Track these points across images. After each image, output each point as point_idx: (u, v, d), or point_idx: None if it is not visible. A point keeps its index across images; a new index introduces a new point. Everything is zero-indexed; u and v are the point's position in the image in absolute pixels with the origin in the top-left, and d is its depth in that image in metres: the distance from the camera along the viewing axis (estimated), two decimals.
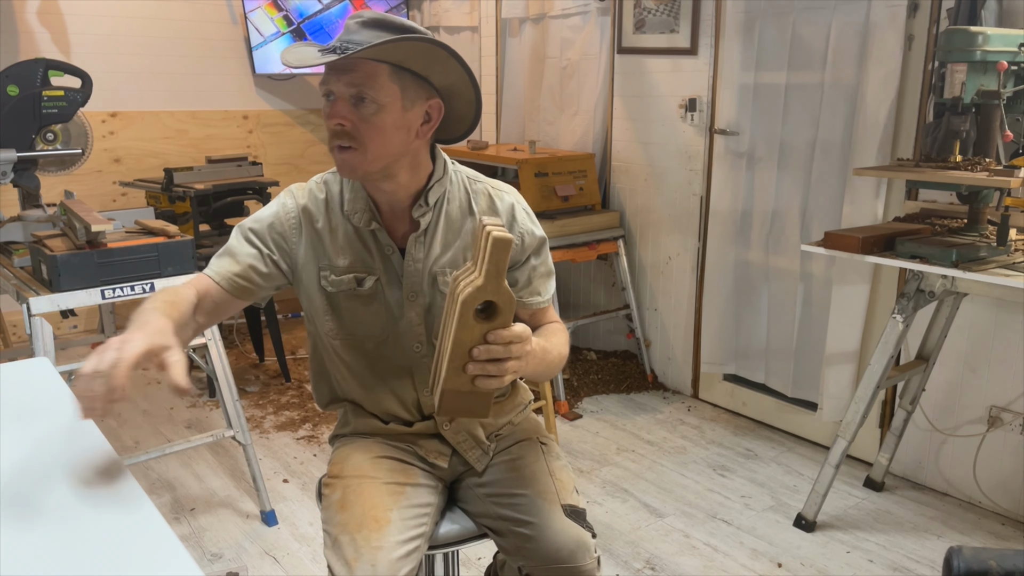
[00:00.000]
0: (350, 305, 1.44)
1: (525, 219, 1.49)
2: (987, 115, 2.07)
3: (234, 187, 3.74)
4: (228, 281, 1.41)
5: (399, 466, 1.46)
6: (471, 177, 1.50)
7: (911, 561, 2.33)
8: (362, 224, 1.41)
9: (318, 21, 4.40)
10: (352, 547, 1.30)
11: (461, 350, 1.14)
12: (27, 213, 2.67)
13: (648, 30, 3.37)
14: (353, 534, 1.32)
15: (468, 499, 1.50)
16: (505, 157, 3.51)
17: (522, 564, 1.39)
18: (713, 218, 3.23)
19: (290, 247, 1.44)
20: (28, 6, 3.78)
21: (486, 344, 1.14)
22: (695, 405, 3.46)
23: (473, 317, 1.12)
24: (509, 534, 1.41)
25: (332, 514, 1.39)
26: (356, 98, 1.29)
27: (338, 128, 1.31)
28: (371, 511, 1.35)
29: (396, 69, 1.30)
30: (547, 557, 1.35)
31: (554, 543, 1.35)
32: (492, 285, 1.10)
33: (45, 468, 1.08)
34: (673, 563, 2.32)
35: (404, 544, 1.32)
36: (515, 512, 1.40)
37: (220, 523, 2.53)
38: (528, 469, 1.47)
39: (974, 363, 2.57)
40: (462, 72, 1.34)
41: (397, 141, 1.33)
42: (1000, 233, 2.07)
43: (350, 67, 1.28)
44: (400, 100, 1.31)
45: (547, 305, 1.52)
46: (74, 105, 2.64)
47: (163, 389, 3.60)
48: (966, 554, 0.94)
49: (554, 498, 1.41)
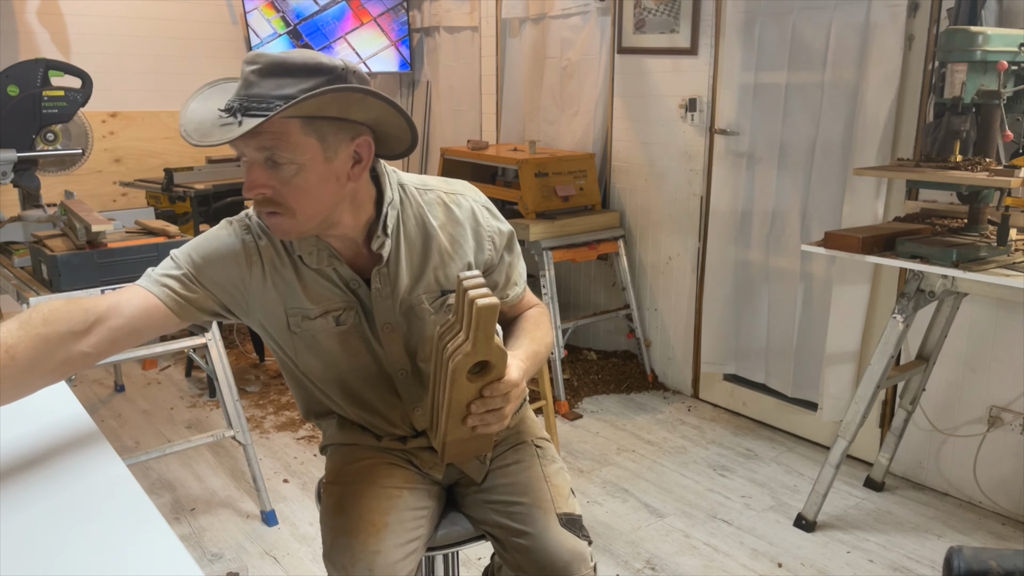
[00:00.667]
0: (329, 344, 1.35)
1: (489, 219, 1.42)
2: (987, 115, 2.07)
3: (234, 187, 3.74)
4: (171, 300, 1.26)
5: (396, 470, 1.44)
6: (420, 187, 1.39)
7: (911, 561, 2.33)
8: (321, 264, 1.31)
9: (315, 22, 4.39)
10: (349, 551, 1.29)
11: (459, 407, 1.17)
12: (27, 213, 2.67)
13: (648, 30, 3.37)
14: (350, 538, 1.30)
15: (467, 503, 1.50)
16: (505, 157, 3.51)
17: (518, 573, 1.39)
18: (713, 218, 3.23)
19: (245, 287, 1.31)
20: (28, 6, 3.78)
21: (483, 399, 1.17)
22: (695, 405, 3.46)
23: (466, 378, 1.13)
24: (506, 542, 1.40)
25: (329, 518, 1.38)
26: (271, 161, 1.17)
27: (259, 197, 1.20)
28: (368, 515, 1.33)
29: (309, 120, 1.17)
30: (542, 567, 1.34)
31: (549, 554, 1.34)
32: (483, 348, 1.11)
33: (45, 468, 1.08)
34: (673, 563, 2.32)
35: (401, 548, 1.31)
36: (511, 521, 1.39)
37: (220, 523, 2.53)
38: (524, 475, 1.45)
39: (974, 363, 2.57)
40: (383, 105, 1.20)
41: (327, 195, 1.22)
42: (1000, 233, 2.07)
43: (256, 131, 1.13)
44: (321, 152, 1.19)
45: (524, 292, 1.50)
46: (74, 105, 2.64)
47: (163, 389, 3.60)
48: (966, 554, 0.93)
49: (549, 507, 1.40)
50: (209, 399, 3.46)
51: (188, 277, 1.28)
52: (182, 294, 1.27)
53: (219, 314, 1.34)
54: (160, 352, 2.50)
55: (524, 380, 1.23)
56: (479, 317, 1.08)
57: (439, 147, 3.98)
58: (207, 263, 1.29)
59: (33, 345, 1.10)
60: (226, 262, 1.30)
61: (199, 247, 1.31)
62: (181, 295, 1.27)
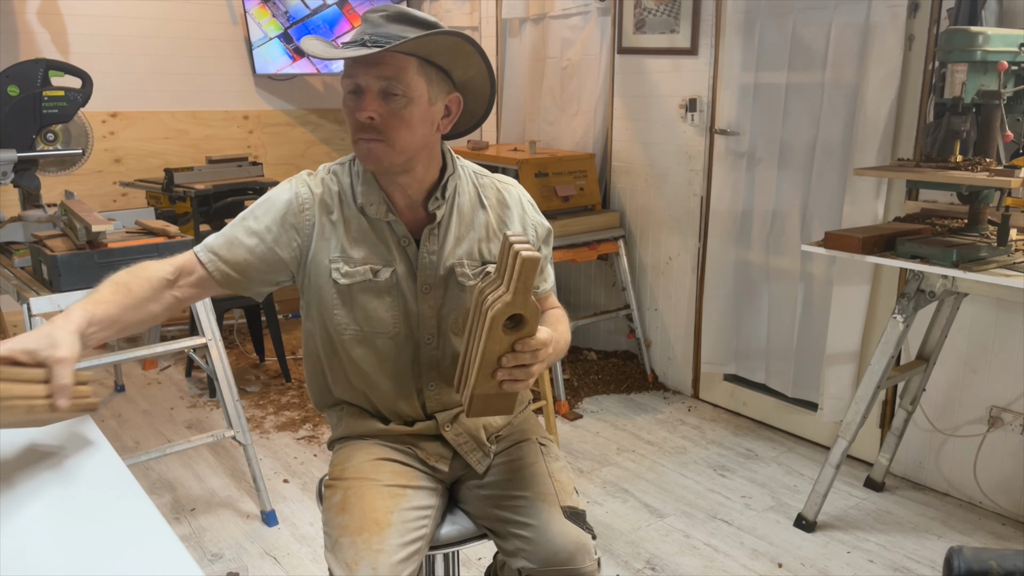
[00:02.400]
0: (364, 298, 1.42)
1: (533, 212, 1.54)
2: (987, 115, 2.07)
3: (234, 187, 3.75)
4: (220, 272, 1.39)
5: (400, 468, 1.45)
6: (477, 171, 1.53)
7: (911, 561, 2.33)
8: (379, 215, 1.41)
9: (306, 26, 4.39)
10: (352, 549, 1.29)
11: (490, 359, 1.22)
12: (27, 213, 2.67)
13: (648, 30, 3.37)
14: (353, 536, 1.31)
15: (468, 500, 1.50)
16: (505, 157, 3.51)
17: (522, 566, 1.38)
18: (713, 218, 3.23)
19: (302, 240, 1.41)
20: (28, 6, 3.78)
21: (514, 353, 1.23)
22: (695, 405, 3.46)
23: (502, 329, 1.20)
24: (509, 536, 1.41)
25: (332, 516, 1.38)
26: (385, 92, 1.30)
27: (368, 121, 1.31)
28: (371, 513, 1.34)
29: (423, 63, 1.32)
30: (547, 559, 1.35)
31: (554, 545, 1.35)
32: (520, 300, 1.18)
33: (45, 468, 1.08)
34: (673, 563, 2.32)
35: (405, 547, 1.32)
36: (515, 514, 1.41)
37: (220, 523, 2.53)
38: (528, 471, 1.47)
39: (974, 363, 2.57)
40: (483, 67, 1.36)
41: (421, 134, 1.35)
42: (1000, 233, 2.07)
43: (380, 60, 1.28)
44: (427, 94, 1.33)
45: (552, 290, 1.58)
46: (74, 105, 2.64)
47: (163, 389, 3.60)
48: (966, 554, 0.93)
49: (553, 500, 1.41)
50: (209, 399, 3.46)
51: (253, 233, 1.39)
52: (236, 260, 1.39)
53: (276, 274, 1.43)
54: (160, 352, 2.50)
55: (551, 349, 1.30)
56: (522, 268, 1.15)
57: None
58: (266, 216, 1.40)
59: (141, 285, 1.33)
60: (283, 214, 1.40)
61: (257, 208, 1.42)
62: (235, 261, 1.39)
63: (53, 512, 0.97)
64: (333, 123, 4.74)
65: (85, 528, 0.95)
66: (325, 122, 4.72)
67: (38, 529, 0.94)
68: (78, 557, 0.89)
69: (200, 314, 2.39)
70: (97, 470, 1.08)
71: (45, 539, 0.92)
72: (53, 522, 0.95)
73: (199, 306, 2.39)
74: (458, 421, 1.50)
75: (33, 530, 0.94)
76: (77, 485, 1.04)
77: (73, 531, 0.94)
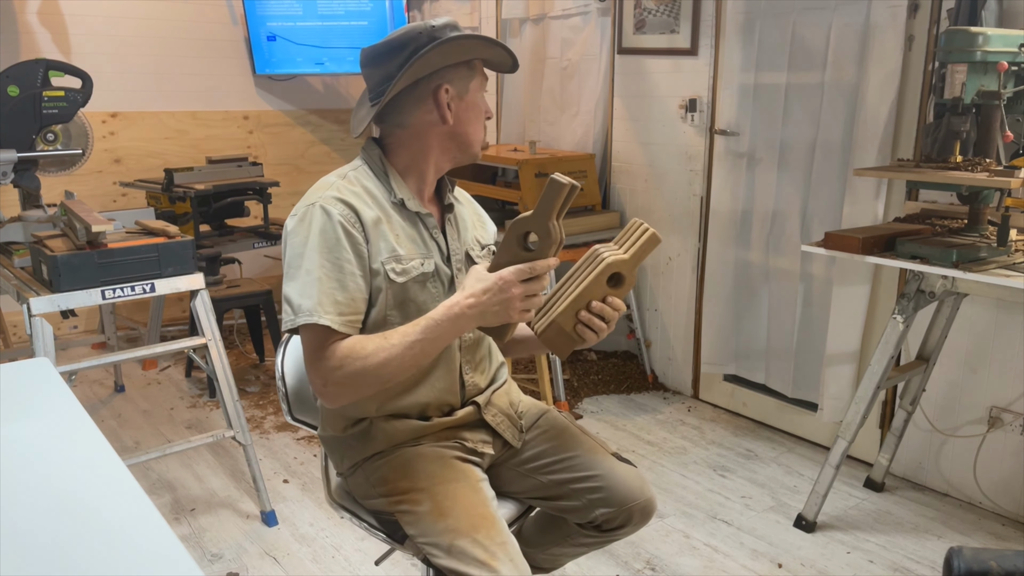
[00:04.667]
0: (414, 291, 1.44)
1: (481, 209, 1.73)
2: (987, 115, 2.07)
3: (234, 187, 3.75)
4: (354, 327, 1.36)
5: (461, 463, 1.49)
6: None
7: (911, 562, 2.33)
8: (417, 208, 1.47)
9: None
10: (479, 548, 1.32)
11: (584, 299, 1.36)
12: (27, 213, 2.67)
13: (648, 30, 3.37)
14: (472, 535, 1.33)
15: (509, 480, 1.57)
16: (505, 157, 3.51)
17: (599, 513, 1.52)
18: (713, 218, 3.23)
19: (367, 252, 1.40)
20: (28, 6, 3.78)
21: (603, 304, 1.35)
22: (695, 405, 3.46)
23: (605, 280, 1.35)
24: (574, 494, 1.53)
25: (431, 524, 1.37)
26: None
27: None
28: (475, 509, 1.38)
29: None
30: (624, 498, 1.52)
31: (624, 485, 1.53)
32: (633, 263, 1.35)
33: (45, 468, 1.08)
34: (673, 563, 2.32)
35: (512, 534, 1.39)
36: (574, 472, 1.54)
37: (220, 523, 2.53)
38: (566, 433, 1.60)
39: (974, 363, 2.57)
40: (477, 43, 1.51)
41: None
42: (1000, 233, 2.07)
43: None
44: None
45: None
46: (74, 105, 2.64)
47: (163, 389, 3.60)
48: (966, 555, 0.93)
49: (601, 450, 1.58)
50: (209, 399, 3.46)
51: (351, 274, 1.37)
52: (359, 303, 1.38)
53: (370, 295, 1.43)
54: (160, 352, 2.50)
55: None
56: (648, 240, 1.34)
57: None
58: (337, 248, 1.36)
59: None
60: (344, 240, 1.37)
61: (321, 248, 1.35)
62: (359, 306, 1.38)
63: (53, 512, 0.97)
64: (333, 123, 4.73)
65: (85, 528, 0.95)
66: (325, 122, 4.71)
67: (38, 529, 0.94)
68: (78, 557, 0.89)
69: (200, 314, 2.39)
70: (97, 470, 1.08)
71: (45, 539, 0.92)
72: (53, 522, 0.95)
73: (199, 306, 2.39)
74: (491, 403, 1.56)
75: (33, 530, 0.94)
76: (77, 485, 1.04)
77: (73, 531, 0.94)
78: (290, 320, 1.34)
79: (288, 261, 1.38)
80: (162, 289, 2.31)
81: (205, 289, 2.40)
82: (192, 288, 2.37)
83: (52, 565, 0.87)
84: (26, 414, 1.25)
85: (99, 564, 0.88)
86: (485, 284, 1.32)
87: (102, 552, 0.90)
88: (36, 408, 1.28)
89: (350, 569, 2.29)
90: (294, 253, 1.36)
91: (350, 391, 1.33)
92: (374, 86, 1.46)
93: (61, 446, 1.15)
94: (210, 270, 3.43)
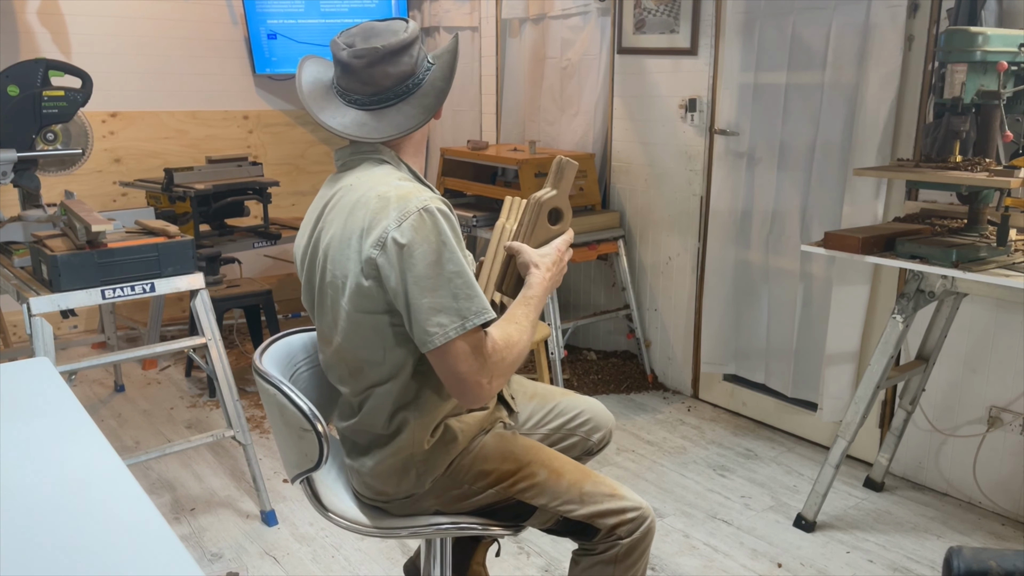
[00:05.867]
0: None
1: None
2: (987, 115, 2.07)
3: (234, 187, 3.74)
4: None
5: (520, 436, 1.60)
6: None
7: (911, 561, 2.33)
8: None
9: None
10: (600, 485, 1.49)
11: (536, 244, 1.48)
12: (27, 213, 2.67)
13: (648, 30, 3.37)
14: (587, 479, 1.50)
15: None
16: (505, 157, 3.51)
17: (599, 437, 1.81)
18: (713, 218, 3.23)
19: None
20: (28, 6, 3.78)
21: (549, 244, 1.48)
22: (695, 405, 3.46)
23: (546, 219, 1.48)
24: (571, 432, 1.77)
25: (555, 487, 1.49)
26: None
27: None
28: (568, 462, 1.54)
29: None
30: (606, 420, 1.83)
31: (601, 411, 1.84)
32: (561, 196, 1.49)
33: (45, 468, 1.08)
34: (673, 563, 2.32)
35: None
36: (563, 416, 1.77)
37: (220, 523, 2.53)
38: (540, 391, 1.81)
39: (974, 363, 2.57)
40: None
41: None
42: (1000, 233, 2.07)
43: None
44: None
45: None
46: (74, 105, 2.65)
47: (163, 389, 3.60)
48: (966, 554, 0.94)
49: (571, 392, 1.86)
50: (209, 399, 3.46)
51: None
52: None
53: None
54: (160, 352, 2.50)
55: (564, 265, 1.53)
56: (563, 169, 1.47)
57: (439, 147, 3.97)
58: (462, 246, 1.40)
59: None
60: (461, 236, 1.40)
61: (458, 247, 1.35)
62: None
63: (53, 512, 0.98)
64: None
65: (85, 528, 0.95)
66: None
67: (38, 529, 0.94)
68: (78, 557, 0.89)
69: (200, 314, 2.40)
70: (97, 470, 1.08)
71: (45, 539, 0.92)
72: (53, 522, 0.95)
73: (199, 306, 2.39)
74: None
75: (33, 530, 0.94)
76: (77, 485, 1.04)
77: (73, 531, 0.94)
78: (457, 326, 1.29)
79: (422, 273, 1.30)
80: (162, 289, 2.31)
81: (205, 289, 2.40)
82: (192, 288, 2.37)
83: (52, 565, 0.87)
84: (26, 414, 1.25)
85: (99, 564, 0.88)
86: (552, 258, 1.47)
87: (102, 552, 0.90)
88: (36, 408, 1.28)
89: (350, 569, 2.29)
90: (427, 262, 1.30)
91: (503, 381, 1.39)
92: (392, 84, 1.41)
93: (61, 446, 1.15)
94: (210, 270, 3.43)
